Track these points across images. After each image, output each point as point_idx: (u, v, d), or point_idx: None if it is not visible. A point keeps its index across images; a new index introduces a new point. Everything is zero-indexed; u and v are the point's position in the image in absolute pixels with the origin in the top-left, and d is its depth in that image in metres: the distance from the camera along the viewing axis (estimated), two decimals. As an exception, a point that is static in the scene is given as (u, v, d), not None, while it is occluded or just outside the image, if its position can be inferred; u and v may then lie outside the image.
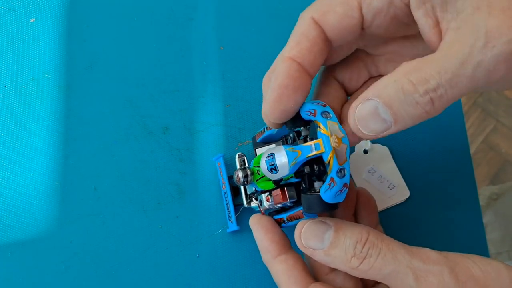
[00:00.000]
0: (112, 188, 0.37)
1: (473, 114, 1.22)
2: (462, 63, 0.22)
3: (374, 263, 0.26)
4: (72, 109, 0.38)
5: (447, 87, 0.22)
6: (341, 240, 0.27)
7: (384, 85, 0.23)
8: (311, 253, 0.27)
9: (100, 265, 0.35)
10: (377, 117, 0.24)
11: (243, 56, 0.41)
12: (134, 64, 0.40)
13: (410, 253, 0.26)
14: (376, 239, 0.26)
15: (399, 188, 0.39)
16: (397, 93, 0.23)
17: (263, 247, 0.30)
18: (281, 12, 0.42)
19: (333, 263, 0.27)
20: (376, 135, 0.25)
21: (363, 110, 0.24)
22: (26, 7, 0.40)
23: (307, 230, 0.28)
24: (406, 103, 0.23)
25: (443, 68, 0.22)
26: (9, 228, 0.36)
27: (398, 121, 0.24)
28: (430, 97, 0.22)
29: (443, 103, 0.23)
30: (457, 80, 0.22)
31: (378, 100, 0.23)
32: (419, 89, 0.22)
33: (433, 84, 0.22)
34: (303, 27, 0.27)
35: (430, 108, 0.23)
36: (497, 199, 0.95)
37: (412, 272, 0.25)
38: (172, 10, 0.41)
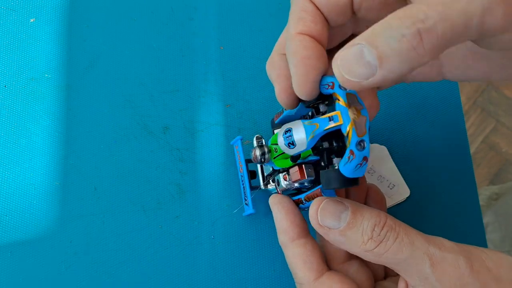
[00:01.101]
0: (112, 188, 0.37)
1: (473, 114, 1.22)
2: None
3: (391, 246, 0.25)
4: (72, 109, 0.38)
5: (437, 19, 0.20)
6: (359, 221, 0.26)
7: (371, 28, 0.21)
8: (325, 233, 0.27)
9: (100, 265, 0.35)
10: (361, 60, 0.21)
11: (243, 56, 0.41)
12: (134, 64, 0.40)
13: (427, 240, 0.25)
14: (394, 223, 0.26)
15: (399, 187, 0.39)
16: (384, 30, 0.21)
17: (282, 227, 0.29)
18: (281, 12, 0.42)
19: (347, 244, 0.26)
20: (360, 81, 0.22)
21: (348, 54, 0.22)
22: (26, 7, 0.40)
23: (324, 207, 0.27)
24: (393, 38, 0.20)
25: (433, 1, 0.20)
26: (9, 228, 0.36)
27: (383, 62, 0.21)
28: (417, 28, 0.20)
29: (433, 39, 0.20)
30: (448, 11, 0.20)
31: (364, 42, 0.21)
32: (406, 21, 0.20)
33: (421, 16, 0.20)
34: (300, 3, 0.27)
35: (418, 43, 0.20)
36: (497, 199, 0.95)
37: (428, 258, 0.25)
38: (172, 10, 0.41)
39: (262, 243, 0.37)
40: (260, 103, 0.40)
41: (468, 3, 0.20)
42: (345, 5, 0.26)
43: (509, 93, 1.23)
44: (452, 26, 0.20)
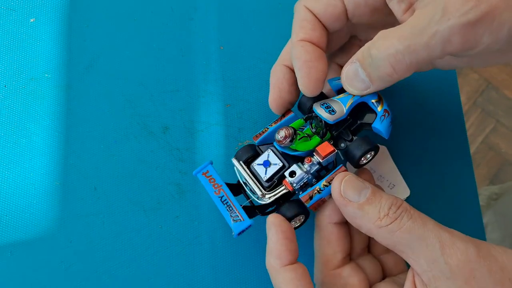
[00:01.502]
0: (112, 188, 0.37)
1: (473, 114, 1.22)
2: (419, 32, 0.26)
3: (405, 224, 0.26)
4: (72, 109, 0.38)
5: (405, 53, 0.26)
6: (377, 199, 0.28)
7: (362, 51, 0.28)
8: (344, 204, 0.28)
9: (100, 265, 0.35)
10: (358, 77, 0.29)
11: (243, 56, 0.41)
12: (134, 64, 0.40)
13: (439, 226, 0.27)
14: (409, 206, 0.28)
15: (399, 187, 0.39)
16: (368, 57, 0.28)
17: (275, 251, 0.29)
18: (281, 12, 0.42)
19: (362, 219, 0.28)
20: (360, 92, 0.30)
21: (349, 71, 0.30)
22: (26, 7, 0.40)
23: (348, 180, 0.29)
24: (374, 66, 0.28)
25: (402, 36, 0.26)
26: (9, 228, 0.36)
27: (372, 81, 0.29)
28: (389, 61, 0.27)
29: (402, 67, 0.27)
30: (414, 47, 0.26)
31: (358, 63, 0.29)
32: (381, 54, 0.27)
33: (392, 50, 0.26)
34: (301, 14, 0.32)
35: (391, 71, 0.27)
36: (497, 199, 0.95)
37: (439, 241, 0.26)
38: (172, 10, 0.41)
39: (262, 243, 0.37)
40: (260, 103, 0.40)
41: (430, 38, 0.25)
42: (340, 14, 0.31)
43: (509, 93, 1.23)
44: (417, 58, 0.26)
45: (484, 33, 0.26)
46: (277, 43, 0.40)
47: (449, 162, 0.40)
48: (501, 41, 0.26)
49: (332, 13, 0.31)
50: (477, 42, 0.26)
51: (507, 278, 0.25)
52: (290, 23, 0.39)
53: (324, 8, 0.31)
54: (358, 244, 0.33)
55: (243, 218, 0.31)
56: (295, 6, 0.33)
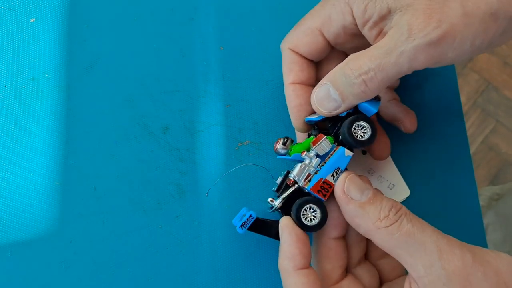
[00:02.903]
0: (112, 188, 0.37)
1: (473, 114, 1.22)
2: (388, 52, 0.28)
3: (405, 228, 0.27)
4: (72, 109, 0.38)
5: (376, 70, 0.28)
6: (378, 200, 0.29)
7: (333, 72, 0.31)
8: (346, 201, 0.29)
9: (100, 265, 0.35)
10: (330, 98, 0.31)
11: (243, 56, 0.41)
12: (134, 64, 0.40)
13: (437, 233, 0.27)
14: (408, 210, 0.28)
15: (398, 187, 0.39)
16: (341, 77, 0.30)
17: (289, 253, 0.29)
18: (281, 12, 0.42)
19: (362, 218, 0.28)
20: (330, 112, 0.31)
21: (320, 92, 0.31)
22: (26, 7, 0.40)
23: (352, 178, 0.30)
24: (347, 84, 0.30)
25: (373, 56, 0.28)
26: (9, 228, 0.36)
27: (344, 99, 0.30)
28: (362, 78, 0.29)
29: (374, 84, 0.29)
30: (383, 65, 0.28)
31: (330, 84, 0.31)
32: (355, 73, 0.29)
33: (365, 68, 0.29)
34: (287, 56, 0.35)
35: (365, 87, 0.29)
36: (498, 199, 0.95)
37: (436, 246, 0.26)
38: (172, 10, 0.41)
39: (262, 243, 0.37)
40: (260, 103, 0.40)
41: (398, 57, 0.28)
42: (323, 47, 0.34)
43: (509, 93, 1.23)
44: (387, 74, 0.29)
45: (448, 50, 0.28)
46: (277, 43, 0.40)
47: (449, 162, 0.40)
48: (465, 54, 0.28)
49: (316, 49, 0.34)
50: (441, 58, 0.28)
51: (502, 282, 0.26)
52: (290, 23, 0.39)
53: (308, 47, 0.34)
54: (355, 255, 0.33)
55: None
56: (281, 47, 0.36)
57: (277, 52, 0.38)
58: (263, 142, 0.39)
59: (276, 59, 0.41)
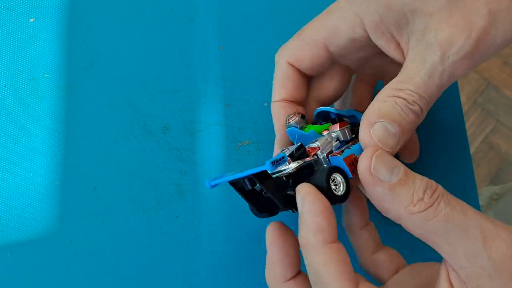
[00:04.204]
0: (112, 188, 0.37)
1: (473, 114, 1.22)
2: (429, 76, 0.27)
3: (442, 211, 0.23)
4: (72, 109, 0.38)
5: (425, 96, 0.27)
6: (411, 180, 0.24)
7: (378, 107, 0.27)
8: (374, 183, 0.24)
9: (100, 265, 0.35)
10: (389, 133, 0.27)
11: (243, 56, 0.41)
12: (134, 64, 0.40)
13: (481, 215, 0.24)
14: (445, 191, 0.24)
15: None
16: (394, 109, 0.27)
17: (316, 225, 0.24)
18: (281, 12, 0.42)
19: (392, 203, 0.24)
20: (393, 150, 0.27)
21: (378, 132, 0.27)
22: (26, 7, 0.40)
23: (380, 155, 0.25)
24: (404, 114, 0.27)
25: (416, 83, 0.27)
26: (9, 228, 0.36)
27: (402, 129, 0.27)
28: (418, 104, 0.27)
29: (427, 107, 0.28)
30: (429, 89, 0.27)
31: (383, 119, 0.27)
32: (409, 100, 0.27)
33: (416, 96, 0.27)
34: (283, 70, 0.33)
35: (420, 113, 0.28)
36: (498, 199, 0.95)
37: (481, 232, 0.23)
38: (172, 10, 0.41)
39: (262, 243, 0.37)
40: (260, 103, 0.40)
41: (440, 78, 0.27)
42: (324, 61, 0.32)
43: (509, 93, 1.23)
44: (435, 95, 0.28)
45: (484, 53, 0.27)
46: (277, 43, 0.40)
47: (449, 162, 0.40)
48: (502, 47, 0.27)
49: (317, 63, 0.32)
50: (480, 61, 0.27)
51: None
52: (290, 23, 0.39)
53: (309, 61, 0.32)
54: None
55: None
56: (276, 58, 0.33)
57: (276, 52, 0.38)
58: (263, 141, 0.39)
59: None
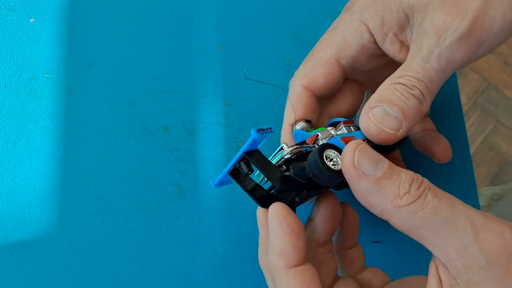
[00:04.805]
0: (112, 188, 0.37)
1: (473, 114, 1.22)
2: (425, 60, 0.27)
3: (430, 203, 0.23)
4: (72, 109, 0.38)
5: (424, 80, 0.27)
6: (396, 173, 0.24)
7: (381, 93, 0.28)
8: (358, 177, 0.24)
9: (100, 265, 0.35)
10: (390, 116, 0.27)
11: (243, 56, 0.41)
12: (134, 64, 0.40)
13: (469, 208, 0.23)
14: (431, 184, 0.24)
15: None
16: (393, 93, 0.27)
17: (280, 248, 0.25)
18: (281, 12, 0.42)
19: (378, 196, 0.23)
20: (395, 132, 0.27)
21: (377, 114, 0.27)
22: (26, 7, 0.40)
23: (363, 148, 0.24)
24: (404, 98, 0.27)
25: (414, 68, 0.27)
26: (9, 228, 0.36)
27: (406, 116, 0.27)
28: (418, 89, 0.27)
29: (428, 91, 0.28)
30: (427, 73, 0.27)
31: (382, 103, 0.27)
32: (408, 84, 0.27)
33: (415, 80, 0.27)
34: (297, 95, 0.32)
35: (422, 98, 0.27)
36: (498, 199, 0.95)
37: (470, 223, 0.22)
38: (172, 10, 0.41)
39: (262, 243, 0.37)
40: (260, 103, 0.40)
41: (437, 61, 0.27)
42: (338, 78, 0.32)
43: (509, 93, 1.23)
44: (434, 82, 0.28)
45: (482, 36, 0.27)
46: (277, 43, 0.40)
47: (449, 162, 0.40)
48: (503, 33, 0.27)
49: (332, 80, 0.32)
50: (479, 46, 0.27)
51: None
52: (290, 23, 0.39)
53: (323, 80, 0.31)
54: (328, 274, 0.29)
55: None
56: (291, 84, 0.33)
57: (277, 52, 0.38)
58: (263, 141, 0.39)
59: (276, 59, 0.41)
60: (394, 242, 0.38)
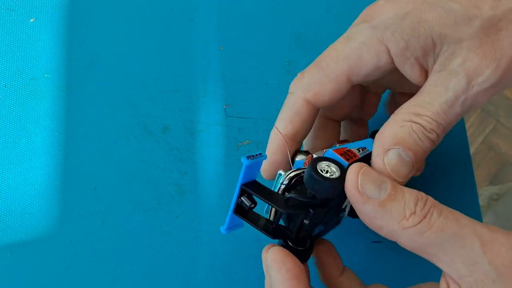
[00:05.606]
0: (112, 188, 0.37)
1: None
2: (450, 105, 0.26)
3: (436, 222, 0.23)
4: (72, 109, 0.38)
5: (443, 123, 0.26)
6: (400, 194, 0.24)
7: (393, 133, 0.26)
8: (363, 201, 0.24)
9: (100, 265, 0.35)
10: (404, 162, 0.26)
11: (243, 56, 0.41)
12: (134, 64, 0.40)
13: (475, 222, 0.23)
14: (435, 201, 0.24)
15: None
16: (410, 136, 0.26)
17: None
18: (281, 12, 0.42)
19: (384, 219, 0.24)
20: (405, 180, 0.26)
21: (391, 161, 0.26)
22: (26, 7, 0.40)
23: (365, 172, 0.24)
24: (419, 141, 0.26)
25: (435, 111, 0.26)
26: (9, 228, 0.36)
27: (417, 157, 0.26)
28: (436, 132, 0.26)
29: (444, 132, 0.27)
30: (449, 118, 0.26)
31: (398, 146, 0.26)
32: (427, 127, 0.26)
33: (434, 124, 0.26)
34: (296, 106, 0.30)
35: (437, 140, 0.27)
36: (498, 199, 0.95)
37: (478, 238, 0.22)
38: (172, 10, 0.41)
39: (263, 243, 0.37)
40: (260, 103, 0.40)
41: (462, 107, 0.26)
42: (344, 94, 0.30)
43: (509, 93, 1.23)
44: (453, 122, 0.27)
45: (507, 81, 0.26)
46: (277, 43, 0.40)
47: (449, 162, 0.40)
48: None
49: (337, 97, 0.30)
50: (501, 89, 0.27)
51: None
52: (290, 23, 0.39)
53: (330, 97, 0.29)
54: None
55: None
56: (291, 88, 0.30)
57: (276, 52, 0.38)
58: (263, 141, 0.39)
59: (276, 59, 0.41)
60: (394, 242, 0.38)
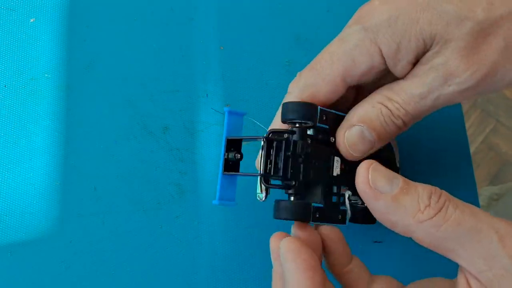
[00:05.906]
0: (112, 188, 0.37)
1: (473, 114, 1.22)
2: (422, 98, 0.27)
3: (452, 215, 0.22)
4: (72, 109, 0.38)
5: (412, 113, 0.28)
6: (412, 187, 0.24)
7: (364, 111, 0.28)
8: (375, 197, 0.24)
9: (100, 265, 0.35)
10: (364, 140, 0.28)
11: (243, 56, 0.41)
12: (134, 64, 0.40)
13: (491, 216, 0.23)
14: (450, 195, 0.24)
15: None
16: (378, 118, 0.28)
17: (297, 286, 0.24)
18: (281, 12, 0.42)
19: (398, 214, 0.23)
20: (362, 155, 0.29)
21: (351, 136, 0.28)
22: (26, 7, 0.40)
23: (376, 167, 0.24)
24: (385, 124, 0.28)
25: (406, 99, 0.27)
26: (9, 228, 0.36)
27: (380, 138, 0.28)
28: (402, 120, 0.28)
29: (411, 122, 0.28)
30: (418, 109, 0.27)
31: (363, 125, 0.28)
32: (395, 113, 0.28)
33: (402, 111, 0.27)
34: None
35: (403, 127, 0.28)
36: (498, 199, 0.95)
37: (495, 232, 0.22)
38: (172, 10, 0.41)
39: (263, 243, 0.37)
40: (260, 103, 0.40)
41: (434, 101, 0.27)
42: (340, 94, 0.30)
43: (509, 93, 1.23)
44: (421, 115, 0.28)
45: (487, 88, 0.26)
46: (277, 43, 0.40)
47: (449, 162, 0.40)
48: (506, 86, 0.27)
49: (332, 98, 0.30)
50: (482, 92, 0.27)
51: None
52: (290, 23, 0.39)
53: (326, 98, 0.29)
54: None
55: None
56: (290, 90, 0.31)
57: (276, 52, 0.38)
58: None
59: (276, 59, 0.41)
60: (395, 242, 0.38)
